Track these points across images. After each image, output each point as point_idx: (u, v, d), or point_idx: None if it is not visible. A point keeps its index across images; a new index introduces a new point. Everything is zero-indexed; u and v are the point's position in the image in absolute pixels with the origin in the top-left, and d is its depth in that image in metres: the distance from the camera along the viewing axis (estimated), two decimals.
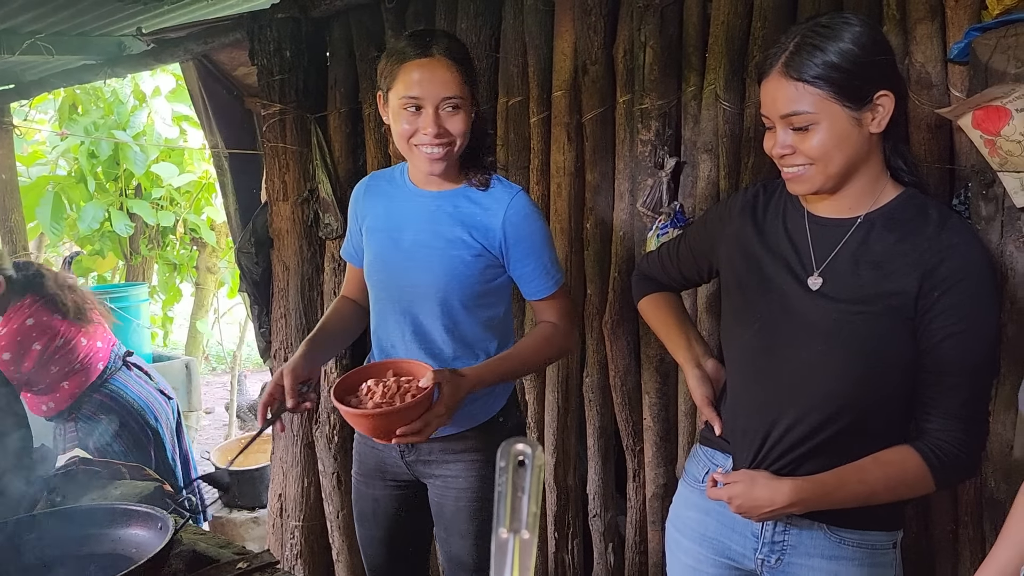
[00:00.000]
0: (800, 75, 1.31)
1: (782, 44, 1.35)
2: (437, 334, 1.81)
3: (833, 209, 1.42)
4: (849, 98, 1.30)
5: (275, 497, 3.16)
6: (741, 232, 1.52)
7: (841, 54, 1.29)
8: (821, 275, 1.40)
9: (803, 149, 1.34)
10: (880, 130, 1.33)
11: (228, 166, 3.56)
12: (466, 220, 1.77)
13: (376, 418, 1.58)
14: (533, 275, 1.78)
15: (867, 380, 1.36)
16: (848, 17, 1.34)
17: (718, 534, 1.55)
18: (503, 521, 0.52)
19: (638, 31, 2.18)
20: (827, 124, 1.31)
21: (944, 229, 1.33)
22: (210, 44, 3.24)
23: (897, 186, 1.40)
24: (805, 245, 1.43)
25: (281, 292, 3.05)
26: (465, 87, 1.70)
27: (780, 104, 1.34)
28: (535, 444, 0.53)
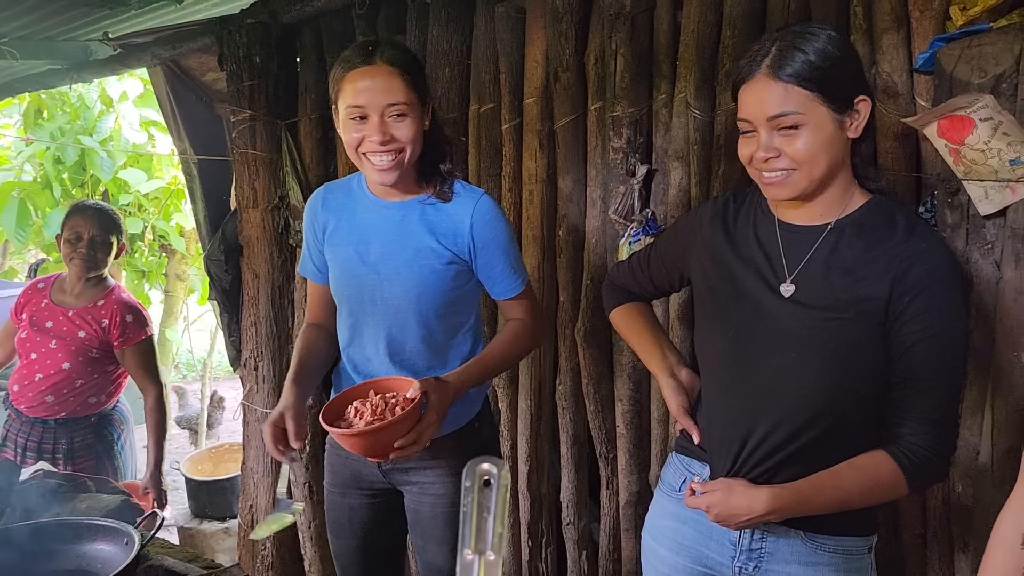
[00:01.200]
0: (787, 75, 1.31)
1: (762, 48, 1.35)
2: (412, 345, 1.79)
3: (804, 216, 1.42)
4: (834, 100, 1.32)
5: (246, 507, 3.13)
6: (712, 240, 1.53)
7: (823, 55, 1.31)
8: (793, 282, 1.41)
9: (789, 152, 1.34)
10: (857, 135, 1.35)
11: (197, 172, 3.53)
12: (433, 228, 1.76)
13: (370, 436, 1.56)
14: (501, 276, 1.80)
15: (841, 386, 1.37)
16: (821, 25, 1.36)
17: (695, 543, 1.55)
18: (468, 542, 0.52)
19: (609, 39, 2.19)
20: (814, 125, 1.32)
21: (912, 235, 1.34)
22: (178, 49, 3.21)
23: (865, 193, 1.42)
24: (776, 252, 1.44)
25: (251, 300, 3.02)
26: (411, 94, 1.68)
27: (768, 105, 1.33)
28: (501, 463, 0.52)
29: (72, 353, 2.89)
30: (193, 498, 4.20)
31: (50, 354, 2.89)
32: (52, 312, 2.92)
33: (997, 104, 1.59)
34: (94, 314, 2.91)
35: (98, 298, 2.93)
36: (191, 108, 3.50)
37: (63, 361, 2.88)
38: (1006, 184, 1.64)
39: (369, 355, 1.83)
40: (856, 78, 1.35)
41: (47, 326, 2.90)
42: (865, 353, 1.36)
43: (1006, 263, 1.68)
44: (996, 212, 1.68)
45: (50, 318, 2.91)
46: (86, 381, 2.93)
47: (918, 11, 1.74)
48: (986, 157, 1.63)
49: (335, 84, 1.71)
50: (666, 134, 2.17)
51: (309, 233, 1.90)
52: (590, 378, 2.40)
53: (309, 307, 1.98)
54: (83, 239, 2.88)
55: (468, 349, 1.86)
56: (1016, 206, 1.65)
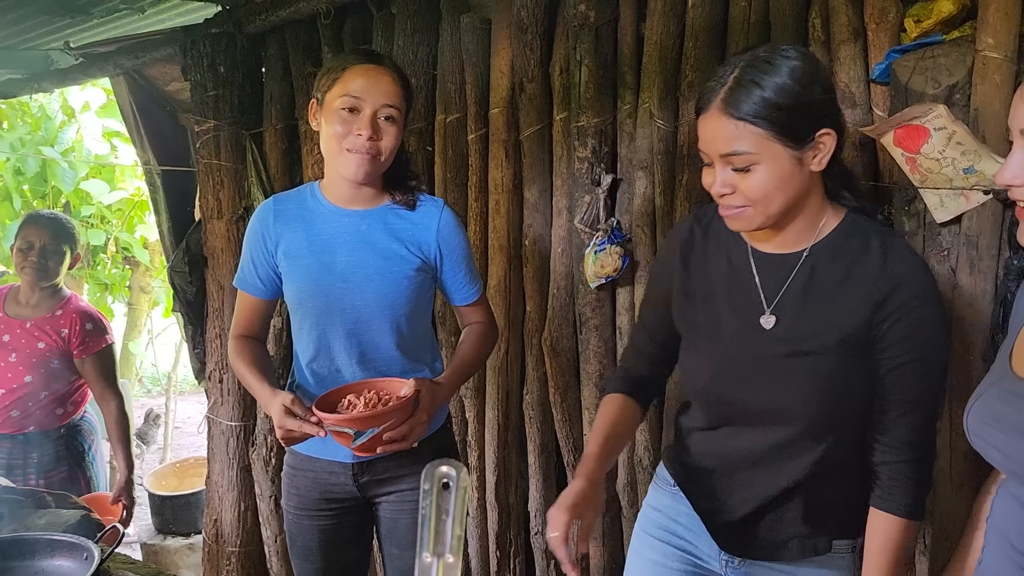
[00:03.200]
0: (740, 113, 1.26)
1: (720, 78, 1.30)
2: (387, 352, 1.79)
3: (777, 245, 1.40)
4: (790, 137, 1.26)
5: (211, 522, 3.08)
6: (684, 277, 1.49)
7: (781, 91, 1.25)
8: (773, 313, 1.38)
9: (743, 189, 1.30)
10: (821, 168, 1.30)
11: (161, 183, 3.49)
12: (400, 235, 1.77)
13: (362, 422, 1.59)
14: (464, 282, 1.86)
15: (827, 413, 1.36)
16: (787, 50, 1.29)
17: (685, 535, 1.57)
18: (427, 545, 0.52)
19: (574, 49, 2.21)
20: (768, 164, 1.27)
21: (891, 257, 1.31)
22: (141, 59, 3.18)
23: (837, 210, 1.38)
24: (753, 283, 1.41)
25: (216, 312, 2.99)
26: (403, 104, 1.73)
27: (720, 143, 1.29)
28: (460, 466, 0.53)
29: (33, 365, 2.83)
30: (157, 513, 4.12)
31: (10, 368, 2.82)
32: (8, 325, 2.86)
33: (951, 114, 1.63)
34: (52, 324, 2.87)
35: (55, 308, 2.89)
36: (154, 118, 3.46)
37: (25, 374, 2.82)
38: (960, 192, 1.67)
39: (340, 365, 1.81)
40: (820, 111, 1.28)
41: (4, 340, 2.84)
42: (850, 379, 1.35)
43: (961, 269, 1.71)
44: (951, 219, 1.71)
45: (6, 331, 2.85)
46: (50, 392, 2.88)
47: (874, 23, 1.78)
48: (941, 166, 1.67)
49: (331, 76, 1.72)
50: (630, 144, 2.19)
51: (256, 245, 1.83)
52: (557, 387, 2.41)
53: (241, 321, 1.89)
54: (35, 248, 2.84)
55: (430, 355, 1.89)
56: (970, 214, 1.69)
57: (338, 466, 1.85)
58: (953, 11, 1.69)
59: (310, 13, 2.66)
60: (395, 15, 2.58)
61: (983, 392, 1.16)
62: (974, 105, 1.65)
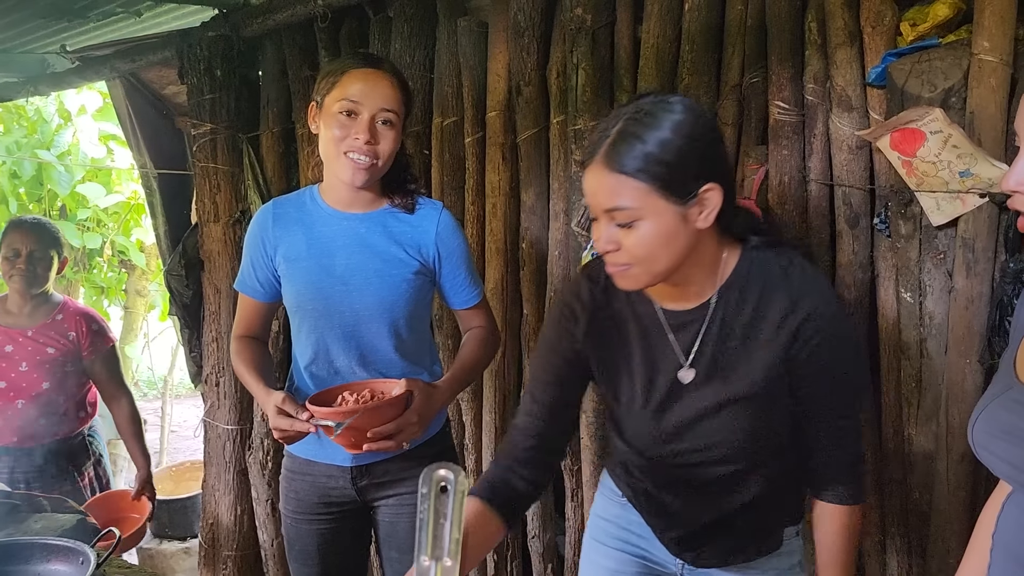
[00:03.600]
0: (621, 167, 1.21)
1: (604, 131, 1.25)
2: (386, 355, 1.79)
3: (682, 300, 1.36)
4: (673, 192, 1.22)
5: (207, 526, 3.08)
6: (595, 344, 1.44)
7: (663, 145, 1.21)
8: (692, 366, 1.37)
9: (627, 246, 1.25)
10: (708, 225, 1.25)
11: (157, 186, 3.49)
12: (399, 239, 1.77)
13: (349, 416, 1.58)
14: (463, 285, 1.83)
15: (769, 446, 1.40)
16: (673, 103, 1.24)
17: (639, 542, 1.58)
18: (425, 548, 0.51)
19: (571, 53, 2.21)
20: (651, 220, 1.23)
21: (794, 286, 1.30)
22: (138, 62, 3.18)
23: (734, 250, 1.35)
24: (666, 340, 1.38)
25: (212, 315, 2.98)
26: (402, 108, 1.73)
27: (602, 197, 1.25)
28: (458, 470, 0.52)
29: (48, 371, 2.75)
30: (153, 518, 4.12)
31: (24, 377, 2.72)
32: (8, 336, 2.75)
33: (947, 117, 1.64)
34: (56, 329, 2.79)
35: (54, 313, 2.81)
36: (151, 122, 3.46)
37: (42, 381, 2.74)
38: (956, 195, 1.68)
39: (338, 368, 1.81)
40: (704, 165, 1.23)
41: (7, 351, 2.73)
42: (782, 410, 1.37)
43: (957, 272, 1.72)
44: (947, 223, 1.72)
45: (8, 342, 2.74)
46: (68, 397, 2.81)
47: (870, 27, 1.78)
48: (937, 169, 1.67)
49: (330, 79, 1.71)
50: None
51: (255, 249, 1.84)
52: None
53: (242, 322, 1.91)
54: (21, 255, 2.73)
55: (430, 359, 1.88)
56: (967, 217, 1.69)
57: (336, 470, 1.84)
58: (949, 15, 1.70)
59: (307, 17, 2.66)
60: (392, 19, 2.58)
61: (988, 403, 1.13)
62: (970, 108, 1.65)
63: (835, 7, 1.81)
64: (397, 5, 2.54)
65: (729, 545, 1.49)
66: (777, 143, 1.93)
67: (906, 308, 1.82)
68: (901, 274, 1.82)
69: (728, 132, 2.01)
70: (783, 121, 1.91)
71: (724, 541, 1.48)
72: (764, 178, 1.96)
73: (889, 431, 1.89)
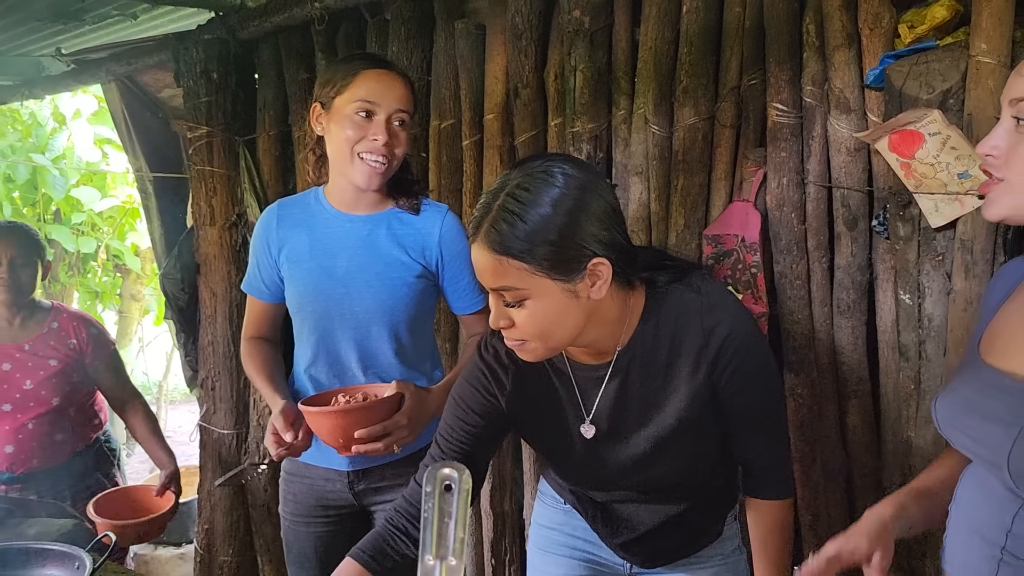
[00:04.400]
0: (500, 249, 1.17)
1: (486, 205, 1.20)
2: (385, 359, 1.79)
3: (589, 354, 1.35)
4: (558, 272, 1.18)
5: (202, 531, 3.06)
6: (513, 402, 1.42)
7: (544, 224, 1.16)
8: (592, 422, 1.37)
9: (519, 323, 1.22)
10: (600, 296, 1.21)
11: (153, 190, 3.48)
12: (403, 241, 1.76)
13: (337, 417, 1.59)
14: (467, 289, 1.81)
15: (701, 470, 1.43)
16: (554, 174, 1.19)
17: (586, 547, 1.60)
18: (429, 548, 0.51)
19: (568, 55, 2.21)
20: (539, 300, 1.19)
21: (705, 314, 1.29)
22: (133, 65, 3.17)
23: (640, 291, 1.32)
24: (574, 396, 1.38)
25: (208, 319, 2.97)
26: (413, 108, 1.74)
27: (487, 277, 1.21)
28: (462, 469, 0.52)
29: (56, 386, 2.55)
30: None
31: (30, 396, 2.52)
32: (3, 353, 2.54)
33: (945, 119, 1.64)
34: (55, 338, 2.60)
35: (48, 321, 2.61)
36: (146, 125, 3.46)
37: (51, 397, 2.54)
38: (955, 197, 1.68)
39: (337, 371, 1.81)
40: (589, 240, 1.18)
41: (4, 369, 2.52)
42: (707, 437, 1.38)
43: (956, 274, 1.71)
44: (946, 224, 1.72)
45: (3, 360, 2.53)
46: (78, 408, 2.65)
47: (868, 29, 1.78)
48: (935, 171, 1.67)
49: (340, 80, 1.70)
50: (625, 149, 2.19)
51: (261, 250, 1.85)
52: None
53: (251, 324, 1.93)
54: (2, 264, 2.50)
55: (430, 364, 1.87)
56: (965, 218, 1.69)
57: (334, 473, 1.84)
58: (947, 17, 1.70)
59: (304, 19, 2.66)
60: (389, 21, 2.57)
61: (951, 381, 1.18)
62: (968, 110, 1.65)
63: (833, 9, 1.81)
64: (394, 8, 2.54)
65: (674, 545, 1.52)
66: (775, 145, 1.93)
67: (905, 310, 1.82)
68: (900, 276, 1.82)
69: (726, 134, 2.01)
70: (781, 123, 1.91)
71: (669, 542, 1.51)
72: (763, 180, 1.96)
73: (888, 434, 1.88)
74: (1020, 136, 1.06)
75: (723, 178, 2.04)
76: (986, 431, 1.06)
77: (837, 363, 1.93)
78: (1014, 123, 1.07)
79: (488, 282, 1.21)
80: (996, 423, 1.04)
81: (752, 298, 1.97)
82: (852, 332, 1.90)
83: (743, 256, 1.97)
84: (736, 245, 1.98)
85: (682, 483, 1.44)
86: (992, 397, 1.07)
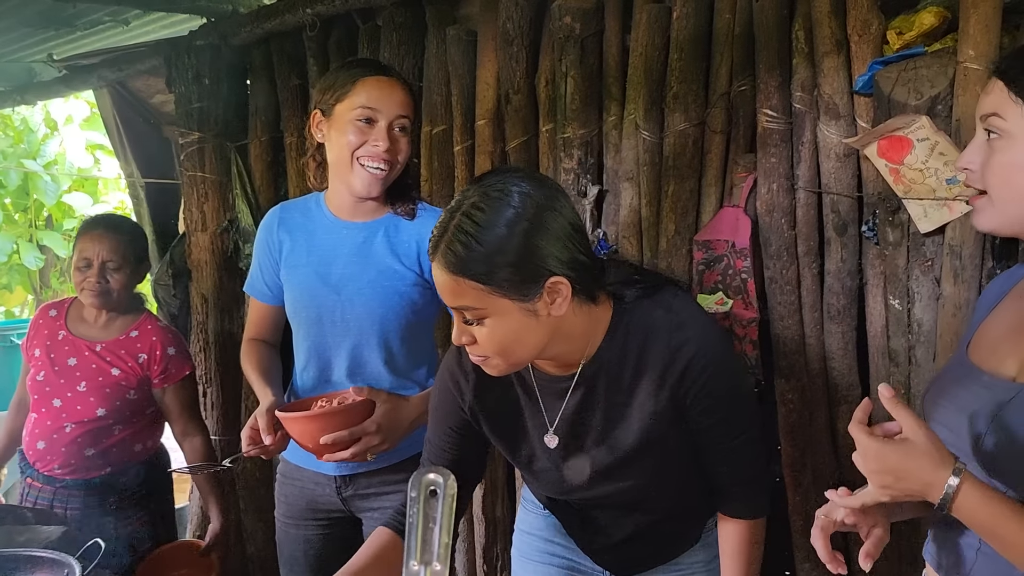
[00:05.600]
0: (455, 270, 1.16)
1: (443, 224, 1.19)
2: (375, 367, 1.78)
3: (554, 365, 1.34)
4: (515, 292, 1.17)
5: (193, 537, 3.05)
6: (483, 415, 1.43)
7: (498, 245, 1.15)
8: (555, 432, 1.37)
9: (480, 341, 1.22)
10: (561, 312, 1.20)
11: (145, 196, 3.48)
12: (396, 249, 1.76)
13: (305, 422, 1.58)
14: None
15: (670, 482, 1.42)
16: (510, 192, 1.17)
17: (565, 553, 1.59)
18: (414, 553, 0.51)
19: (559, 61, 2.21)
20: (498, 319, 1.18)
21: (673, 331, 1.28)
22: (125, 71, 3.17)
23: (607, 305, 1.31)
24: (538, 405, 1.37)
25: (200, 325, 2.96)
26: (413, 114, 1.75)
27: (446, 296, 1.21)
28: (447, 474, 0.52)
29: (107, 396, 2.32)
30: None
31: (79, 398, 2.32)
32: (74, 347, 2.37)
33: (933, 125, 1.65)
34: (128, 348, 2.38)
35: (130, 328, 2.41)
36: (138, 131, 3.45)
37: (97, 406, 2.31)
38: (944, 202, 1.69)
39: (328, 376, 1.81)
40: (545, 259, 1.17)
41: (69, 364, 2.35)
42: (675, 453, 1.37)
43: (945, 279, 1.72)
44: (935, 230, 1.72)
45: (73, 354, 2.36)
46: (126, 427, 2.37)
47: (857, 35, 1.79)
48: (924, 176, 1.68)
49: (340, 87, 1.70)
50: (616, 155, 2.20)
51: (263, 252, 1.87)
52: None
53: (253, 324, 1.95)
54: (93, 266, 2.33)
55: (425, 373, 1.86)
56: (954, 224, 1.70)
57: (323, 478, 1.84)
58: (935, 23, 1.71)
59: (295, 25, 2.66)
60: (380, 27, 2.58)
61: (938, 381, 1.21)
62: (956, 116, 1.66)
63: (822, 16, 1.82)
64: (386, 14, 2.54)
65: (650, 552, 1.51)
66: (765, 151, 1.93)
67: (894, 315, 1.83)
68: (889, 281, 1.82)
69: (717, 140, 2.02)
70: (771, 129, 1.92)
71: (645, 549, 1.50)
72: (753, 186, 1.97)
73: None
74: (991, 149, 1.09)
75: (714, 184, 2.05)
76: (959, 422, 1.08)
77: (827, 368, 1.93)
78: (986, 136, 1.10)
79: (447, 301, 1.22)
80: (968, 414, 1.07)
81: (742, 303, 1.97)
82: (842, 337, 1.91)
83: (733, 261, 1.97)
84: (726, 250, 1.98)
85: (651, 496, 1.43)
86: (969, 391, 1.10)
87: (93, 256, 2.33)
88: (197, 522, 3.03)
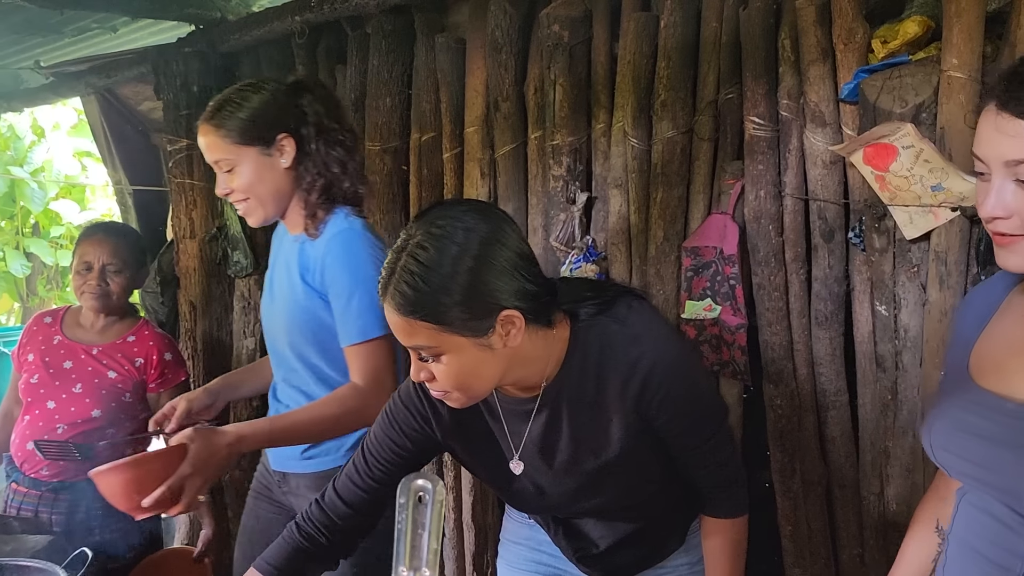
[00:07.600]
0: (407, 312, 1.15)
1: (391, 263, 1.17)
2: (309, 382, 1.78)
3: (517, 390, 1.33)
4: (466, 330, 1.16)
5: (183, 544, 3.03)
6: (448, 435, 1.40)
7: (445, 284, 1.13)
8: (520, 458, 1.36)
9: (438, 377, 1.21)
10: (517, 343, 1.20)
11: (132, 203, 3.47)
12: (302, 262, 1.73)
13: (109, 476, 1.46)
14: (340, 318, 1.66)
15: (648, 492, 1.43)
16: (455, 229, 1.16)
17: (551, 561, 1.60)
18: (403, 559, 0.51)
19: (548, 69, 2.22)
20: (453, 355, 1.17)
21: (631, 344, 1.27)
22: (113, 78, 3.17)
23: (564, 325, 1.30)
24: (503, 429, 1.37)
25: (188, 332, 2.96)
26: (231, 147, 1.69)
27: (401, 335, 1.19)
28: (435, 480, 0.52)
29: (102, 397, 2.35)
30: None
31: (74, 400, 2.34)
32: (70, 350, 2.40)
33: (918, 132, 1.66)
34: (124, 351, 2.42)
35: (126, 333, 2.45)
36: (126, 138, 3.45)
37: (92, 407, 2.34)
38: (929, 209, 1.70)
39: (273, 389, 1.89)
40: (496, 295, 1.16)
41: (65, 366, 2.37)
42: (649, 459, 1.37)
43: (931, 285, 1.73)
44: (920, 236, 1.74)
45: (68, 357, 2.39)
46: (118, 430, 2.37)
47: (842, 44, 1.81)
48: (909, 183, 1.70)
49: None
50: (605, 162, 2.20)
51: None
52: None
53: None
54: (93, 269, 2.36)
55: None
56: (939, 230, 1.71)
57: (269, 470, 1.91)
58: (919, 32, 1.73)
59: (284, 33, 2.66)
60: (370, 35, 2.58)
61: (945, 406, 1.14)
62: (940, 123, 1.68)
63: (808, 24, 1.83)
64: (375, 21, 2.55)
65: (635, 558, 1.52)
66: (752, 158, 1.95)
67: (881, 321, 1.84)
68: (876, 287, 1.84)
69: (704, 147, 2.03)
70: (758, 136, 1.93)
71: (629, 555, 1.51)
72: (740, 193, 1.98)
73: (866, 444, 1.90)
74: None
75: (701, 191, 2.06)
76: (994, 456, 1.03)
77: (815, 374, 1.94)
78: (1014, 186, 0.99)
79: (402, 340, 1.20)
80: (1005, 448, 1.02)
81: (731, 309, 1.98)
82: (830, 343, 1.92)
83: (722, 268, 1.98)
84: (715, 257, 1.99)
85: (630, 506, 1.44)
86: (996, 423, 1.04)
87: (94, 259, 2.37)
88: (186, 530, 3.01)
